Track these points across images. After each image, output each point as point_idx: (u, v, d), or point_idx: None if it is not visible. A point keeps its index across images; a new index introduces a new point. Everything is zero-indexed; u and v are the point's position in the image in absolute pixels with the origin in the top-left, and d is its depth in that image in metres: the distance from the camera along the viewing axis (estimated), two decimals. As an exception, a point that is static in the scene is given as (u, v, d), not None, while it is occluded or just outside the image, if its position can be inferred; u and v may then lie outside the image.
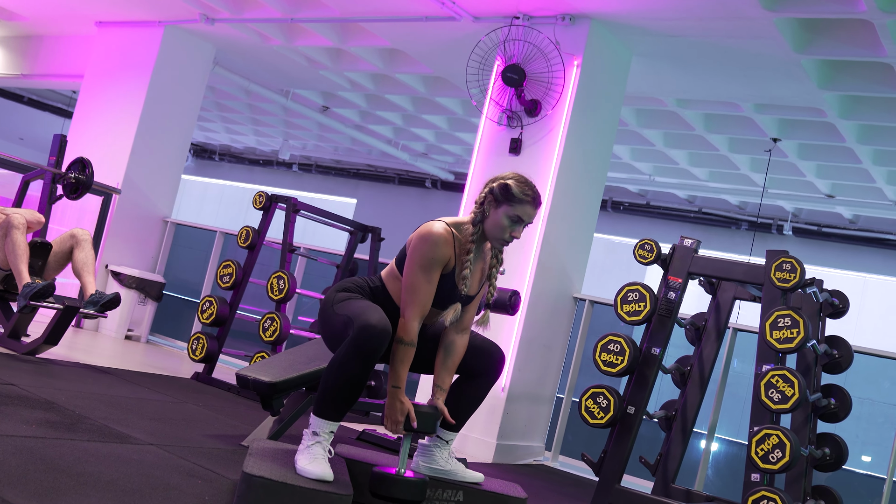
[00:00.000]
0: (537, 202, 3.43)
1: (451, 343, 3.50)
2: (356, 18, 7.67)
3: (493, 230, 3.41)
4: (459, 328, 3.52)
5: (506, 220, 3.39)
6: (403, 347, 3.30)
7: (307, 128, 13.34)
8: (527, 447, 6.56)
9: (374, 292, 3.48)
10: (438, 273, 3.34)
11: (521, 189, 3.39)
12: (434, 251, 3.31)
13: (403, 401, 3.30)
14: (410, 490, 3.29)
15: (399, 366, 3.31)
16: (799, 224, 12.54)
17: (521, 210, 3.39)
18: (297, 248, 7.12)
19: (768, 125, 8.42)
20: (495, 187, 3.41)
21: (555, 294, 6.58)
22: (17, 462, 2.99)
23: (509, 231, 3.40)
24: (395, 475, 3.30)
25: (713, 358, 5.17)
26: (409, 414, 3.30)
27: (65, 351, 6.48)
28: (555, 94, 6.40)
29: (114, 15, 9.20)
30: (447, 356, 3.49)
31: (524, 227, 3.45)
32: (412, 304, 3.31)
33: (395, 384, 3.30)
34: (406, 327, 3.31)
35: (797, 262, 4.54)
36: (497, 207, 3.39)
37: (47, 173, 6.57)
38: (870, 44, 6.09)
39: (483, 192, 3.45)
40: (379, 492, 3.30)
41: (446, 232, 3.34)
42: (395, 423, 3.30)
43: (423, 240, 3.33)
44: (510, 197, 3.38)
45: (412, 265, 3.32)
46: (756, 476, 4.36)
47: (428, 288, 3.32)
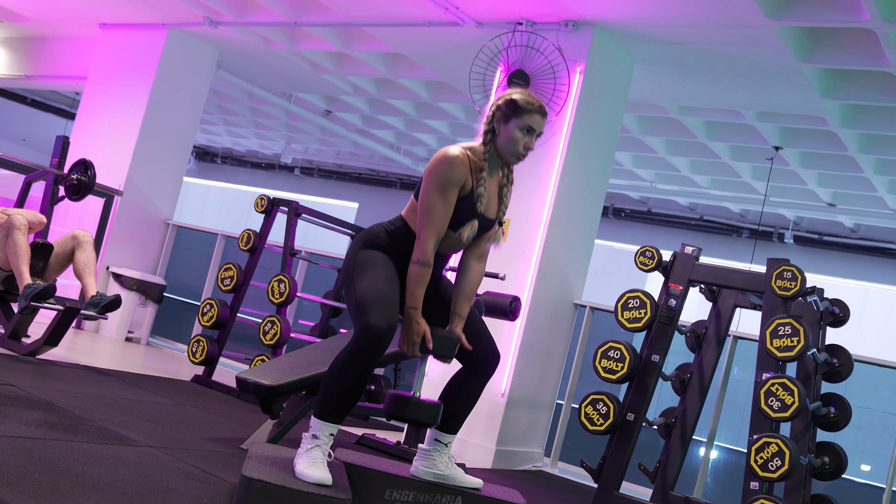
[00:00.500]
0: (544, 111, 3.47)
1: (468, 269, 3.55)
2: (359, 23, 7.68)
3: (506, 145, 3.43)
4: (476, 254, 3.56)
5: (518, 133, 3.41)
6: (420, 268, 3.33)
7: (309, 131, 13.35)
8: (526, 453, 6.55)
9: (393, 236, 3.46)
10: (455, 194, 3.35)
11: (527, 100, 3.43)
12: (450, 171, 3.33)
13: (420, 322, 3.33)
14: (425, 412, 3.36)
15: (416, 287, 3.33)
16: (800, 232, 12.54)
17: (531, 120, 3.42)
18: (298, 252, 7.12)
19: (770, 133, 8.43)
20: (502, 104, 3.45)
21: (555, 300, 6.58)
22: (16, 463, 2.99)
23: (523, 143, 3.43)
24: (410, 397, 3.35)
25: (713, 365, 5.17)
26: (425, 335, 3.33)
27: (65, 352, 6.48)
28: (558, 101, 6.41)
29: (117, 17, 9.21)
30: (465, 281, 3.53)
31: (536, 138, 3.47)
32: (428, 226, 3.33)
33: (413, 305, 3.33)
34: (422, 248, 3.33)
35: (798, 270, 4.54)
36: (507, 122, 3.42)
37: (49, 174, 6.58)
38: (872, 53, 6.10)
39: (490, 111, 3.48)
40: (394, 413, 3.36)
41: (462, 153, 3.37)
42: (412, 345, 3.32)
43: (439, 161, 3.35)
44: (518, 109, 3.41)
45: (428, 187, 3.34)
46: (755, 484, 4.36)
47: (444, 209, 3.34)
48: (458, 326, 3.47)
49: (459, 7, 6.70)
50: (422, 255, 3.32)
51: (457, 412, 3.55)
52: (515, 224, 6.40)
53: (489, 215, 3.49)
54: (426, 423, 3.39)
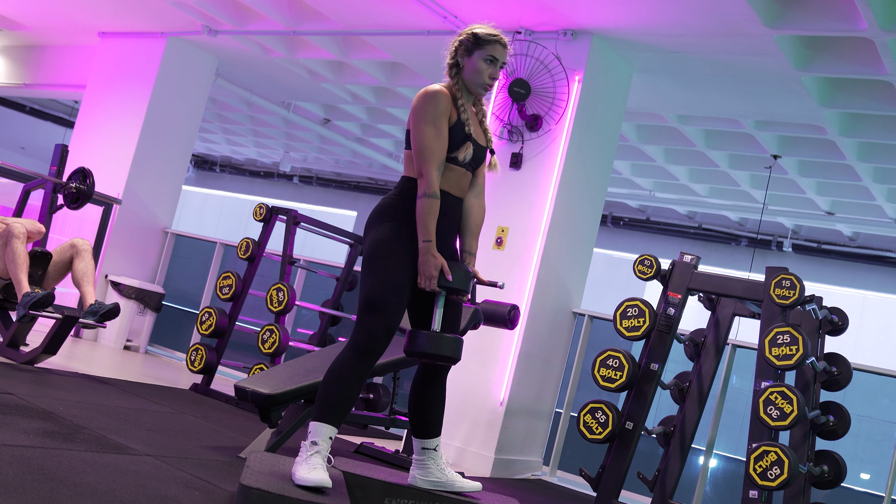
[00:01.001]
0: (504, 42, 3.55)
1: (470, 206, 3.60)
2: (358, 32, 7.69)
3: (472, 77, 3.51)
4: (475, 191, 3.63)
5: (482, 64, 3.50)
6: (427, 200, 3.34)
7: (308, 140, 13.36)
8: (525, 462, 6.55)
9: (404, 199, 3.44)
10: (446, 125, 3.42)
11: (487, 31, 3.53)
12: (436, 104, 3.40)
13: (436, 255, 3.33)
14: (445, 345, 3.34)
15: (428, 219, 3.34)
16: (799, 241, 12.55)
17: (493, 50, 3.50)
18: (296, 261, 7.12)
19: (769, 142, 8.44)
20: (464, 38, 3.54)
21: (554, 309, 6.58)
22: (14, 472, 2.99)
23: (488, 73, 3.51)
24: (431, 332, 3.34)
25: (712, 374, 5.17)
26: (442, 268, 3.32)
27: (63, 361, 6.47)
28: (557, 109, 6.42)
29: (116, 25, 9.22)
30: (469, 219, 3.60)
31: (500, 68, 3.55)
32: (427, 160, 3.37)
33: (427, 238, 3.33)
34: (426, 181, 3.36)
35: (797, 278, 4.55)
36: (470, 55, 3.51)
37: (48, 183, 6.58)
38: (870, 61, 6.11)
39: (452, 46, 3.57)
40: (417, 349, 3.34)
41: (442, 87, 3.47)
42: (430, 279, 3.32)
43: (423, 99, 3.42)
44: (479, 41, 3.51)
45: (418, 124, 3.40)
46: (754, 493, 4.35)
47: (438, 140, 3.39)
48: (470, 263, 3.55)
49: (458, 16, 6.71)
50: (427, 188, 3.35)
51: (430, 415, 3.54)
52: (514, 232, 6.41)
53: (480, 142, 3.56)
54: (448, 356, 3.35)
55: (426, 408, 3.53)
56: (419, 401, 3.55)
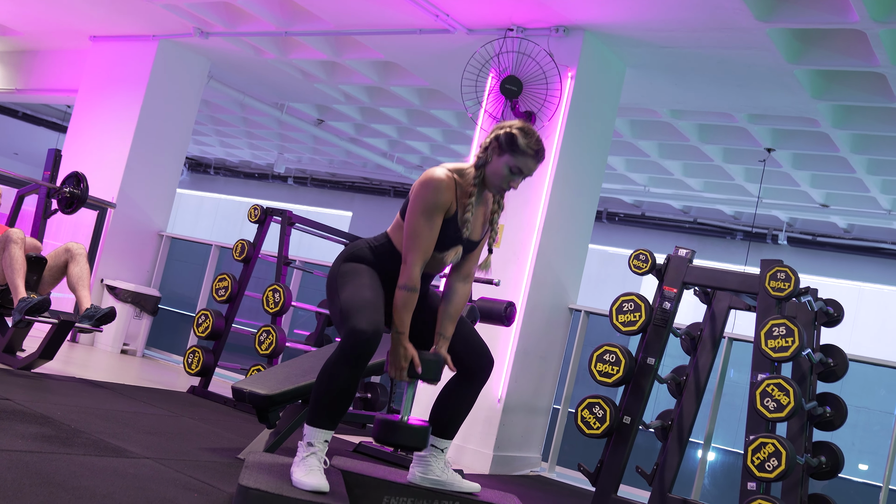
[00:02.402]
0: (540, 156, 3.42)
1: (453, 290, 3.51)
2: (350, 31, 7.69)
3: (492, 177, 3.40)
4: (462, 275, 3.53)
5: (506, 170, 3.38)
6: (406, 293, 3.31)
7: (302, 141, 13.35)
8: (523, 458, 6.55)
9: (376, 252, 3.45)
10: (440, 218, 3.34)
11: (527, 141, 3.38)
12: (436, 196, 3.31)
13: (407, 347, 3.31)
14: (413, 436, 3.34)
15: (403, 312, 3.31)
16: (794, 233, 12.57)
17: (523, 163, 3.39)
18: (292, 261, 7.12)
19: (762, 135, 8.45)
20: (501, 135, 3.40)
21: (550, 305, 6.59)
22: (12, 477, 2.99)
23: (507, 181, 3.40)
24: (398, 422, 3.34)
25: (709, 367, 5.17)
26: (412, 360, 3.31)
27: (60, 365, 6.47)
28: (550, 106, 6.42)
29: (108, 29, 9.21)
30: (450, 303, 3.49)
31: (523, 179, 3.44)
32: (414, 250, 3.31)
33: (399, 330, 3.31)
34: (408, 273, 3.31)
35: (791, 271, 4.55)
36: (500, 155, 3.38)
37: (42, 188, 6.57)
38: (862, 53, 6.12)
39: (489, 137, 3.44)
40: (383, 438, 3.34)
41: (447, 177, 3.34)
42: (400, 370, 3.30)
43: (424, 185, 3.32)
44: (514, 147, 3.37)
45: (414, 211, 3.32)
46: (752, 485, 4.36)
47: (430, 234, 3.32)
48: (442, 348, 3.45)
49: (450, 14, 6.71)
50: (408, 281, 3.31)
51: (452, 417, 3.55)
52: (509, 230, 6.41)
53: (473, 238, 3.47)
54: (415, 448, 3.38)
55: (453, 407, 3.54)
56: (449, 398, 3.55)
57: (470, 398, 3.58)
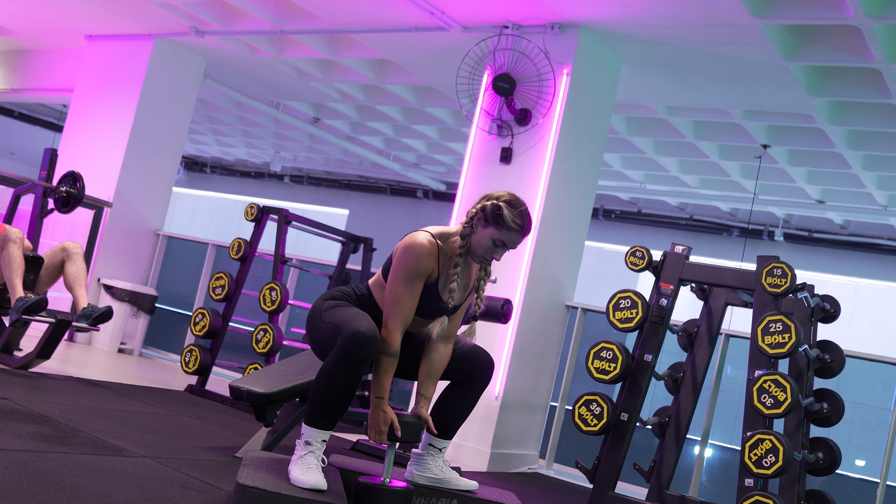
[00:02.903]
0: (525, 231, 3.41)
1: (434, 351, 3.50)
2: (346, 30, 7.69)
3: (476, 248, 3.40)
4: (444, 336, 3.52)
5: (489, 242, 3.37)
6: (386, 358, 3.31)
7: (298, 139, 13.35)
8: (521, 455, 6.56)
9: (360, 300, 3.48)
10: (421, 285, 3.35)
11: (512, 216, 3.37)
12: (417, 263, 3.31)
13: (387, 411, 3.31)
14: (395, 499, 3.33)
15: (382, 377, 3.32)
16: (790, 230, 12.58)
17: (507, 237, 3.38)
18: (289, 260, 7.12)
19: (758, 132, 8.45)
20: (488, 206, 3.38)
21: (547, 302, 6.59)
22: (10, 476, 2.99)
23: (490, 252, 3.39)
24: (380, 485, 3.33)
25: (706, 364, 5.18)
26: (392, 423, 3.31)
27: (57, 365, 6.46)
28: (545, 103, 6.42)
29: (103, 28, 9.20)
30: (431, 365, 3.49)
31: (506, 251, 3.43)
32: (394, 316, 3.32)
33: (379, 395, 3.31)
34: (388, 339, 3.31)
35: (788, 267, 4.56)
36: (485, 227, 3.38)
37: (38, 187, 6.57)
38: (858, 49, 6.12)
39: (476, 206, 3.43)
40: (365, 501, 3.32)
41: (430, 244, 3.34)
42: (379, 434, 3.30)
43: (406, 251, 3.33)
44: (500, 221, 3.36)
45: (395, 276, 3.33)
46: (750, 481, 4.37)
47: (410, 300, 3.33)
48: (423, 408, 3.46)
49: (445, 12, 6.71)
50: (388, 347, 3.31)
51: (453, 418, 3.56)
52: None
53: (457, 300, 3.46)
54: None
55: (454, 408, 3.56)
56: (451, 399, 3.57)
57: (472, 400, 3.59)
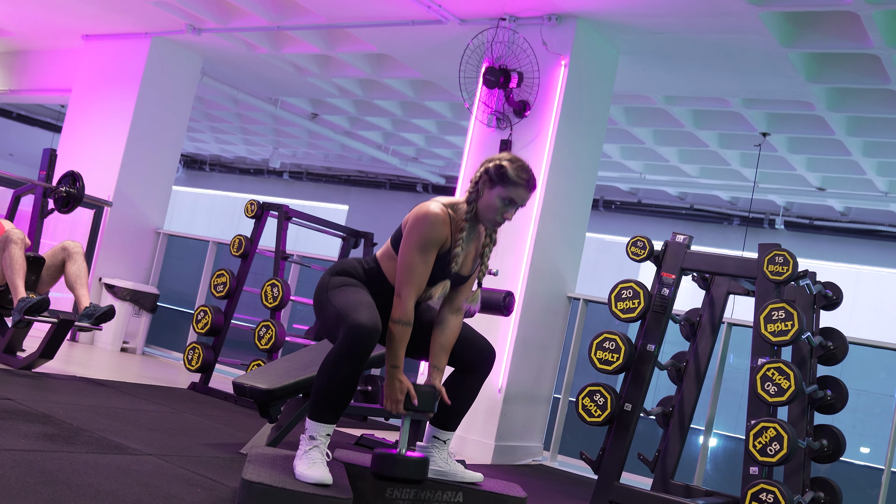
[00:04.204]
0: (532, 186, 3.41)
1: (445, 323, 3.51)
2: (342, 24, 7.68)
3: (485, 211, 3.40)
4: (453, 308, 3.53)
5: (498, 202, 3.37)
6: (400, 327, 3.32)
7: (297, 135, 13.34)
8: (525, 447, 6.56)
9: (368, 274, 3.48)
10: (434, 254, 3.35)
11: (517, 172, 3.38)
12: (431, 232, 3.31)
13: (402, 380, 3.33)
14: (412, 469, 3.36)
15: (397, 345, 3.32)
16: (791, 218, 12.57)
17: (515, 193, 3.38)
18: (290, 256, 7.12)
19: (757, 120, 8.44)
20: (491, 167, 3.40)
21: (549, 294, 6.59)
22: (16, 475, 2.99)
23: (501, 213, 3.39)
24: (396, 455, 3.35)
25: (709, 353, 5.18)
26: (408, 392, 3.32)
27: (61, 364, 6.47)
28: (543, 95, 6.41)
29: (100, 28, 9.19)
30: (442, 335, 3.50)
31: (516, 210, 3.42)
32: (407, 285, 3.32)
33: (394, 364, 3.32)
34: (402, 307, 3.32)
35: (789, 254, 4.56)
36: (491, 188, 3.38)
37: (38, 188, 6.57)
38: (856, 35, 6.11)
39: (479, 171, 3.44)
40: (382, 472, 3.35)
41: (443, 212, 3.34)
42: (396, 403, 3.32)
43: (420, 220, 3.32)
44: (505, 179, 3.37)
45: (409, 245, 3.32)
46: (755, 469, 4.37)
47: (424, 269, 3.33)
48: (437, 380, 3.46)
49: (442, 5, 6.70)
50: (402, 315, 3.32)
51: (455, 409, 3.56)
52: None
53: (463, 273, 3.48)
54: (415, 480, 3.39)
55: (456, 399, 3.55)
56: (452, 390, 3.56)
57: (473, 390, 3.59)
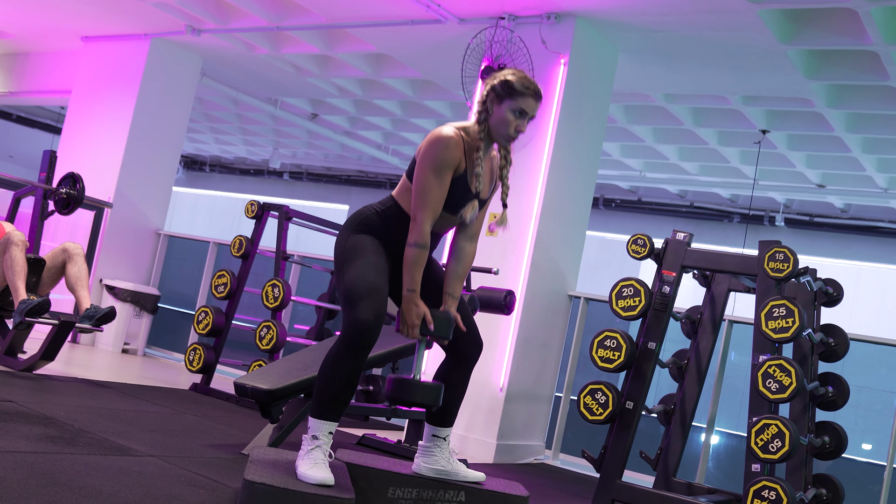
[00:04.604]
0: (539, 94, 3.45)
1: (461, 250, 3.55)
2: (342, 24, 7.68)
3: (498, 126, 3.41)
4: (468, 235, 3.56)
5: (510, 115, 3.39)
6: (416, 251, 3.32)
7: (297, 136, 13.34)
8: (527, 446, 6.56)
9: (384, 217, 3.44)
10: (450, 176, 3.34)
11: (522, 83, 3.41)
12: (445, 153, 3.31)
13: (419, 304, 3.33)
14: (426, 393, 3.37)
15: (414, 269, 3.33)
16: (791, 215, 12.57)
17: (525, 103, 3.40)
18: (290, 256, 7.12)
19: (757, 117, 8.44)
20: (496, 84, 3.42)
21: (549, 292, 6.59)
22: (17, 477, 2.99)
23: (514, 125, 3.41)
24: (411, 380, 3.36)
25: (710, 350, 5.18)
26: (425, 317, 3.33)
27: (62, 366, 6.47)
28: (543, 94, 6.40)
29: (99, 29, 9.19)
30: (458, 263, 3.53)
31: (528, 121, 3.45)
32: (423, 207, 3.32)
33: (411, 288, 3.33)
34: (418, 230, 3.32)
35: (790, 251, 4.56)
36: (500, 103, 3.40)
37: (38, 189, 6.57)
38: (855, 32, 6.11)
39: (485, 90, 3.46)
40: (397, 396, 3.36)
41: (456, 134, 3.35)
42: (412, 327, 3.32)
43: (433, 143, 3.33)
44: (513, 91, 3.39)
45: (423, 169, 3.32)
46: (757, 466, 4.37)
47: (439, 191, 3.33)
48: (451, 307, 3.48)
49: (441, 4, 6.70)
50: (419, 238, 3.32)
51: (448, 405, 3.56)
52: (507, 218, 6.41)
53: (483, 196, 3.49)
54: (429, 404, 3.39)
55: (448, 397, 3.54)
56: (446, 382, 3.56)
57: (462, 383, 3.59)
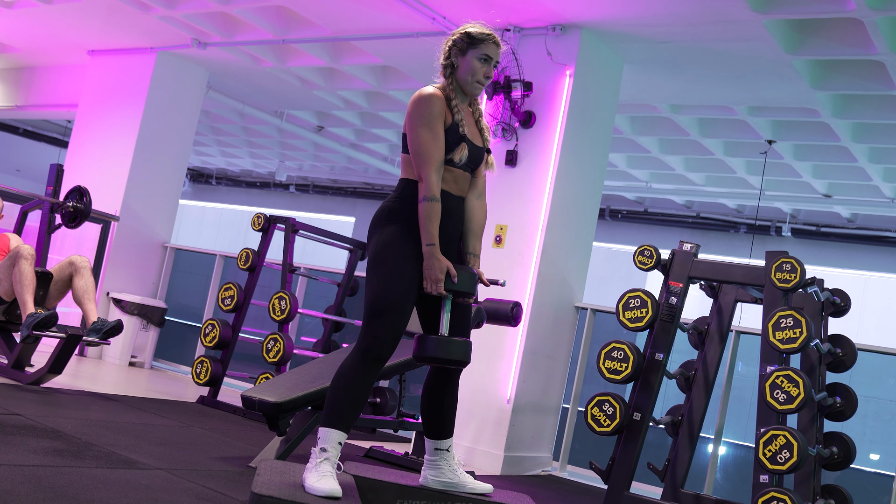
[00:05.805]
0: (498, 41, 3.59)
1: (472, 208, 3.61)
2: (348, 37, 7.70)
3: (466, 77, 3.53)
4: (476, 192, 3.64)
5: (476, 63, 3.52)
6: (429, 204, 3.35)
7: (303, 148, 13.36)
8: (534, 458, 6.55)
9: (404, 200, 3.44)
10: (441, 126, 3.43)
11: (480, 32, 3.56)
12: (430, 107, 3.41)
13: (440, 258, 3.33)
14: (454, 349, 3.34)
15: (430, 223, 3.34)
16: (797, 225, 12.55)
17: (487, 49, 3.54)
18: (297, 269, 7.12)
19: (762, 127, 8.44)
20: (456, 38, 3.57)
21: (556, 304, 6.58)
22: (25, 491, 2.99)
23: (482, 72, 3.54)
24: (439, 336, 3.34)
25: (717, 361, 5.17)
26: (448, 271, 3.32)
27: (69, 380, 6.47)
28: (548, 105, 6.42)
29: (106, 43, 9.23)
30: (471, 220, 3.60)
31: (494, 66, 3.58)
32: (425, 164, 3.38)
33: (430, 242, 3.33)
34: (426, 185, 3.36)
35: (797, 262, 4.55)
36: (464, 55, 3.54)
37: (45, 203, 6.59)
38: (860, 42, 6.11)
39: (445, 47, 3.59)
40: (426, 354, 3.34)
41: (435, 90, 3.48)
42: (436, 282, 3.31)
43: (416, 103, 3.44)
44: (474, 40, 3.54)
45: (414, 128, 3.41)
46: (765, 477, 4.36)
47: (434, 142, 3.40)
48: (475, 265, 3.54)
49: (447, 17, 6.71)
50: (427, 191, 3.35)
51: (443, 415, 3.55)
52: (513, 230, 6.41)
53: (476, 143, 3.56)
54: (457, 360, 3.35)
55: (438, 408, 3.54)
56: (432, 402, 3.55)
57: (451, 393, 3.57)
